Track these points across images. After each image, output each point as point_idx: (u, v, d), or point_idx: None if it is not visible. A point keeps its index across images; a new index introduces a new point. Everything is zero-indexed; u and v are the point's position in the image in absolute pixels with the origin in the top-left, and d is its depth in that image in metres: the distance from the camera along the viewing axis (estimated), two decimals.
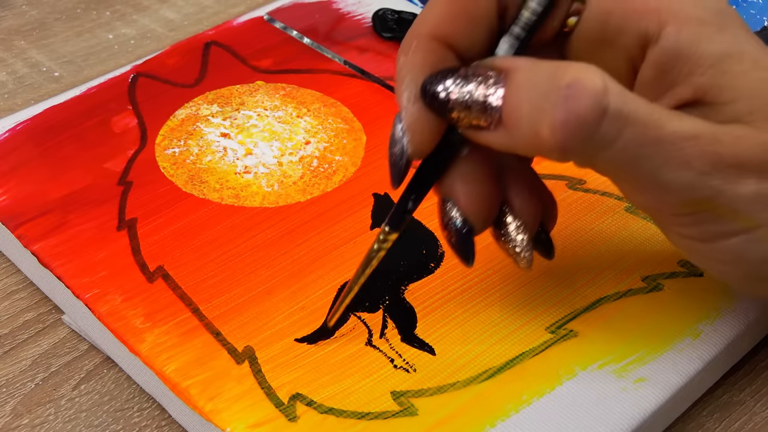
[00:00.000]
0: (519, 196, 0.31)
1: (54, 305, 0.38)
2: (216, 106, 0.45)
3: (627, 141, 0.26)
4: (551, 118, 0.26)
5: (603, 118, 0.26)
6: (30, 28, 0.54)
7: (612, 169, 0.27)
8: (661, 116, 0.26)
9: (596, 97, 0.25)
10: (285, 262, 0.37)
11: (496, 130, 0.27)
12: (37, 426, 0.34)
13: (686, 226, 0.29)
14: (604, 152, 0.26)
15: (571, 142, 0.26)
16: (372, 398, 0.32)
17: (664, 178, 0.27)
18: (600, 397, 0.32)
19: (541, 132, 0.26)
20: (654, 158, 0.26)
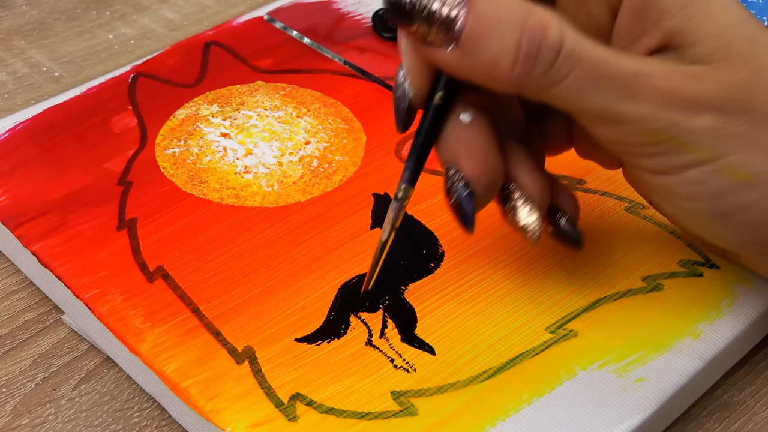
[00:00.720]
0: (526, 173, 0.33)
1: (54, 305, 0.38)
2: (216, 106, 0.45)
3: (578, 76, 0.29)
4: (512, 51, 0.28)
5: (558, 55, 0.28)
6: (30, 28, 0.54)
7: (565, 102, 0.29)
8: (613, 55, 0.29)
9: (554, 38, 0.28)
10: (285, 262, 0.37)
11: (452, 50, 0.29)
12: (37, 426, 0.34)
13: (647, 158, 0.31)
14: (557, 86, 0.29)
15: (527, 75, 0.29)
16: (372, 398, 0.32)
17: (618, 110, 0.29)
18: (600, 397, 0.32)
19: (500, 62, 0.29)
20: (605, 92, 0.29)
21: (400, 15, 0.29)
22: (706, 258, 0.37)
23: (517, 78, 0.29)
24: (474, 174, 0.31)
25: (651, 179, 0.31)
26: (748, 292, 0.36)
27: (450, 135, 0.32)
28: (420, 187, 0.40)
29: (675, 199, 0.32)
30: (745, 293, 0.36)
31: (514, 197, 0.33)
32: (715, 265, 0.37)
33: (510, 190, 0.33)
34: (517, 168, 0.33)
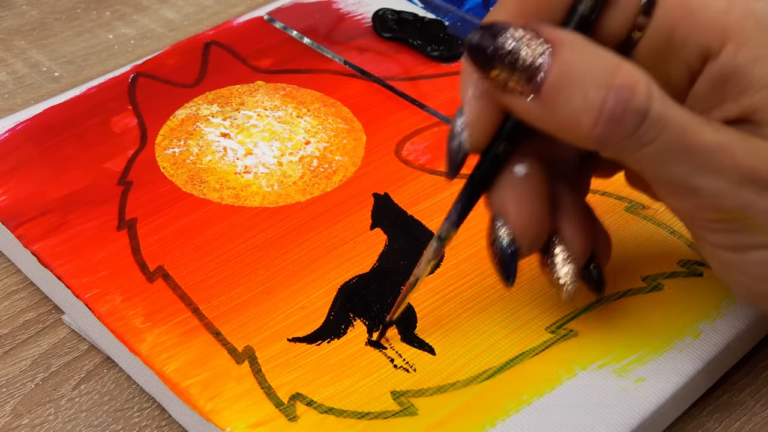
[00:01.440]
0: (571, 227, 0.32)
1: (54, 305, 0.38)
2: (216, 106, 0.45)
3: (662, 144, 0.27)
4: (597, 109, 0.27)
5: (645, 119, 0.27)
6: (30, 28, 0.54)
7: (645, 168, 0.29)
8: (699, 125, 0.28)
9: (642, 101, 0.27)
10: (285, 262, 0.37)
11: (531, 100, 0.28)
12: (37, 426, 0.34)
13: (716, 233, 0.30)
14: (639, 152, 0.28)
15: (609, 137, 0.27)
16: (372, 398, 0.32)
17: (695, 184, 0.28)
18: (600, 397, 0.32)
19: (581, 119, 0.27)
20: (687, 163, 0.28)
21: (482, 59, 0.28)
22: None
23: (596, 138, 0.27)
24: (521, 230, 0.31)
25: (715, 252, 0.30)
26: None
27: (502, 186, 0.31)
28: (420, 187, 0.40)
29: (735, 275, 0.31)
30: None
31: (555, 253, 0.32)
32: None
33: (552, 245, 0.32)
34: (563, 218, 0.32)
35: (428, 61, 0.48)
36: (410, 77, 0.46)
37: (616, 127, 0.27)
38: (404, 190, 0.40)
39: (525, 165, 0.30)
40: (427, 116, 0.44)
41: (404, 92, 0.45)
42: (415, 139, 0.43)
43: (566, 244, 0.32)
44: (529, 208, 0.30)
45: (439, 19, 0.50)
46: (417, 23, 0.49)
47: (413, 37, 0.48)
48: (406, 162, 0.42)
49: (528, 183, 0.30)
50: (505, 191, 0.31)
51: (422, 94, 0.45)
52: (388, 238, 0.38)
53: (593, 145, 0.28)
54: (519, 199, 0.30)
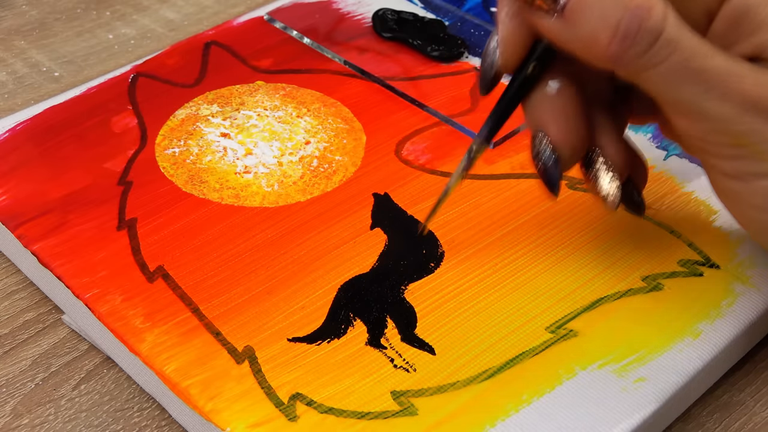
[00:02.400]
0: (609, 143, 0.34)
1: (54, 305, 0.38)
2: (216, 106, 0.45)
3: (672, 64, 0.29)
4: (613, 28, 0.29)
5: (657, 40, 0.29)
6: (30, 28, 0.54)
7: (655, 88, 0.30)
8: (711, 51, 0.29)
9: (657, 21, 0.29)
10: (285, 262, 0.37)
11: (556, 19, 0.30)
12: (37, 426, 0.34)
13: (723, 159, 0.31)
14: (650, 70, 0.29)
15: (624, 54, 0.29)
16: (372, 398, 0.32)
17: (704, 105, 0.30)
18: (600, 397, 0.32)
19: (599, 37, 0.29)
20: (696, 85, 0.29)
21: None
22: (706, 258, 0.37)
23: (612, 55, 0.29)
24: (560, 140, 0.33)
25: (723, 182, 0.32)
26: (748, 292, 0.36)
27: (538, 102, 0.33)
28: (420, 187, 0.40)
29: (743, 207, 0.32)
30: (745, 293, 0.36)
31: (597, 164, 0.33)
32: (715, 265, 0.37)
33: (593, 156, 0.34)
34: (602, 136, 0.34)
35: (428, 61, 0.48)
36: (410, 77, 0.46)
37: (630, 45, 0.29)
38: (404, 190, 0.40)
39: (558, 81, 0.32)
40: (427, 116, 0.44)
41: (404, 92, 0.45)
42: (415, 139, 0.43)
43: (607, 157, 0.33)
44: (566, 118, 0.32)
45: (439, 19, 0.50)
46: (417, 23, 0.49)
47: (413, 37, 0.48)
48: (406, 162, 0.42)
49: (563, 97, 0.32)
50: (542, 106, 0.33)
51: (422, 94, 0.45)
52: (388, 238, 0.38)
53: (609, 62, 0.30)
54: (555, 112, 0.32)
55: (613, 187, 0.34)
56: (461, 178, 0.34)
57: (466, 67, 0.47)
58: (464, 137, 0.43)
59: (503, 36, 0.32)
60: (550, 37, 0.31)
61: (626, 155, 0.34)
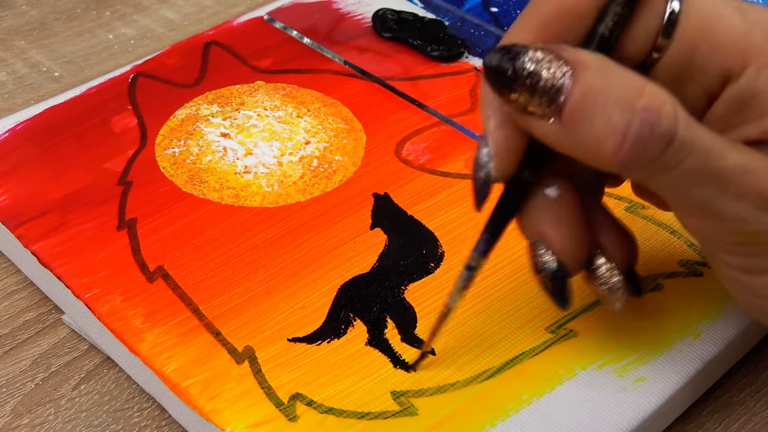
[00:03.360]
0: (609, 238, 0.31)
1: (54, 305, 0.38)
2: (216, 106, 0.45)
3: (687, 169, 0.27)
4: (621, 133, 0.26)
5: (671, 144, 0.26)
6: (30, 28, 0.54)
7: (666, 191, 0.28)
8: (724, 148, 0.27)
9: (668, 125, 0.26)
10: (285, 262, 0.37)
11: (553, 124, 0.27)
12: (37, 426, 0.34)
13: (733, 255, 0.29)
14: (663, 175, 0.27)
15: (634, 161, 0.26)
16: (372, 398, 0.32)
17: (718, 207, 0.27)
18: (600, 397, 0.32)
19: (604, 143, 0.26)
20: (711, 187, 0.27)
21: (501, 82, 0.28)
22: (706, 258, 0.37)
23: (620, 162, 0.27)
24: (565, 252, 0.30)
25: (730, 273, 0.30)
26: None
27: (536, 210, 0.30)
28: (420, 187, 0.40)
29: (749, 296, 0.30)
30: None
31: (599, 263, 0.31)
32: None
33: (595, 258, 0.31)
34: (601, 235, 0.31)
35: (428, 61, 0.48)
36: (410, 77, 0.46)
37: (642, 152, 0.26)
38: (404, 190, 0.40)
39: (556, 187, 0.30)
40: (427, 116, 0.44)
41: (404, 92, 0.45)
42: (415, 139, 0.43)
43: (608, 254, 0.31)
44: (570, 230, 0.30)
45: (439, 19, 0.50)
46: (417, 23, 0.49)
47: (413, 37, 0.48)
48: (406, 162, 0.42)
49: (563, 203, 0.30)
50: (541, 215, 0.30)
51: (422, 94, 0.45)
52: (388, 238, 0.38)
53: (617, 169, 0.27)
54: (557, 222, 0.30)
55: (619, 284, 0.31)
56: (461, 297, 0.32)
57: (466, 67, 0.47)
58: (464, 137, 0.43)
59: (496, 148, 0.29)
60: (547, 142, 0.28)
61: (626, 244, 0.32)
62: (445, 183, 0.41)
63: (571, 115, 0.27)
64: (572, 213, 0.30)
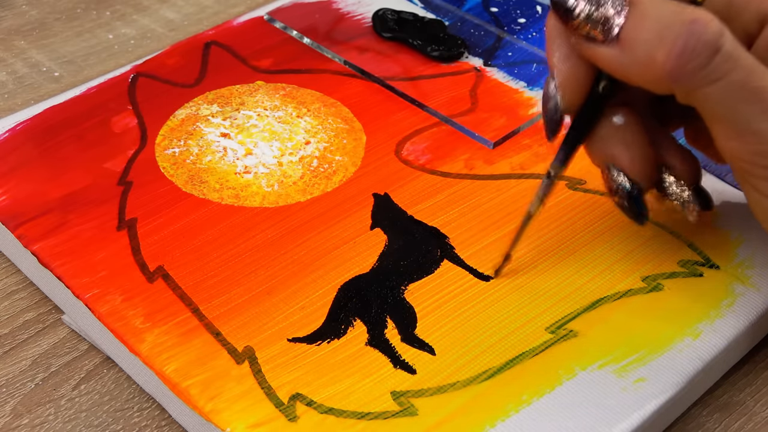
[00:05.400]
0: (674, 156, 0.34)
1: (54, 305, 0.38)
2: (216, 106, 0.45)
3: (732, 82, 0.29)
4: (670, 45, 0.29)
5: (716, 55, 0.29)
6: (30, 28, 0.54)
7: (711, 106, 0.30)
8: (766, 72, 0.29)
9: (714, 35, 0.29)
10: (285, 262, 0.37)
11: (610, 46, 0.30)
12: (37, 426, 0.34)
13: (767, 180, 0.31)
14: (708, 87, 0.29)
15: (682, 70, 0.29)
16: (372, 398, 0.32)
17: (758, 127, 0.30)
18: (600, 397, 0.32)
19: (656, 56, 0.29)
20: (752, 105, 0.29)
21: (565, 11, 0.31)
22: (706, 258, 0.37)
23: (670, 71, 0.29)
24: (638, 172, 0.33)
25: (761, 201, 0.32)
26: (748, 292, 0.36)
27: (605, 137, 0.33)
28: (420, 187, 0.40)
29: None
30: (745, 293, 0.36)
31: (669, 181, 0.34)
32: (715, 265, 0.37)
33: (664, 176, 0.34)
34: (665, 153, 0.34)
35: (428, 61, 0.48)
36: (410, 77, 0.46)
37: (689, 59, 0.29)
38: (404, 190, 0.40)
39: (621, 115, 0.33)
40: (427, 116, 0.44)
41: (404, 92, 0.45)
42: (415, 139, 0.43)
43: (675, 171, 0.34)
44: (637, 150, 0.33)
45: (439, 19, 0.50)
46: (417, 23, 0.49)
47: (413, 37, 0.48)
48: (406, 162, 0.42)
49: (630, 128, 0.33)
50: (610, 141, 0.33)
51: (422, 94, 0.45)
52: (388, 238, 0.38)
53: (668, 79, 0.29)
54: (625, 145, 0.33)
55: (690, 198, 0.34)
56: (542, 204, 0.35)
57: (466, 67, 0.47)
58: (464, 137, 0.43)
59: (562, 79, 0.32)
60: (607, 66, 0.31)
61: (690, 161, 0.34)
62: (445, 183, 0.41)
63: (627, 36, 0.30)
64: (638, 137, 0.33)
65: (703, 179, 0.36)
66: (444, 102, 0.45)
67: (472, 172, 0.41)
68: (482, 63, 0.47)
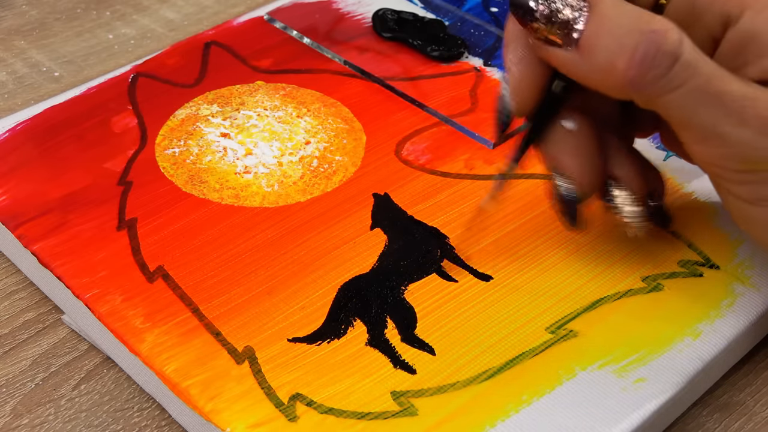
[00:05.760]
0: (625, 169, 0.34)
1: (54, 305, 0.38)
2: (216, 106, 0.45)
3: (692, 89, 0.29)
4: (630, 53, 0.29)
5: (675, 64, 0.29)
6: (30, 28, 0.54)
7: (673, 112, 0.30)
8: (727, 76, 0.30)
9: (674, 44, 0.29)
10: (285, 262, 0.37)
11: (569, 51, 0.30)
12: (37, 426, 0.34)
13: (739, 185, 0.31)
14: (668, 95, 0.29)
15: (642, 78, 0.29)
16: (372, 398, 0.32)
17: (722, 131, 0.30)
18: (600, 397, 0.32)
19: (616, 64, 0.29)
20: (714, 109, 0.29)
21: (524, 13, 0.31)
22: (706, 258, 0.37)
23: (630, 80, 0.29)
24: (578, 181, 0.33)
25: (738, 205, 0.32)
26: (748, 292, 0.36)
27: (555, 141, 0.33)
28: (420, 187, 0.40)
29: (759, 230, 0.32)
30: (745, 293, 0.36)
31: (615, 194, 0.34)
32: (715, 265, 0.37)
33: (611, 187, 0.34)
34: (616, 163, 0.34)
35: (428, 61, 0.48)
36: (410, 77, 0.46)
37: (648, 69, 0.29)
38: (404, 190, 0.40)
39: (573, 120, 0.33)
40: (427, 116, 0.44)
41: (404, 92, 0.45)
42: (415, 139, 0.43)
43: (625, 186, 0.34)
44: (582, 158, 0.33)
45: (439, 19, 0.50)
46: (417, 23, 0.49)
47: (413, 37, 0.48)
48: (406, 162, 0.42)
49: (579, 135, 0.33)
50: (558, 146, 0.33)
51: (422, 94, 0.45)
52: (388, 238, 0.38)
53: (628, 87, 0.30)
54: (572, 151, 0.33)
55: (634, 216, 0.34)
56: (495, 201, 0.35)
57: (466, 67, 0.47)
58: (464, 137, 0.43)
59: (514, 82, 0.32)
60: (565, 70, 0.31)
61: (641, 177, 0.34)
62: (445, 183, 0.41)
63: (587, 41, 0.30)
64: (586, 144, 0.33)
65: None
66: (444, 102, 0.45)
67: (472, 172, 0.41)
68: (482, 63, 0.47)
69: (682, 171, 0.41)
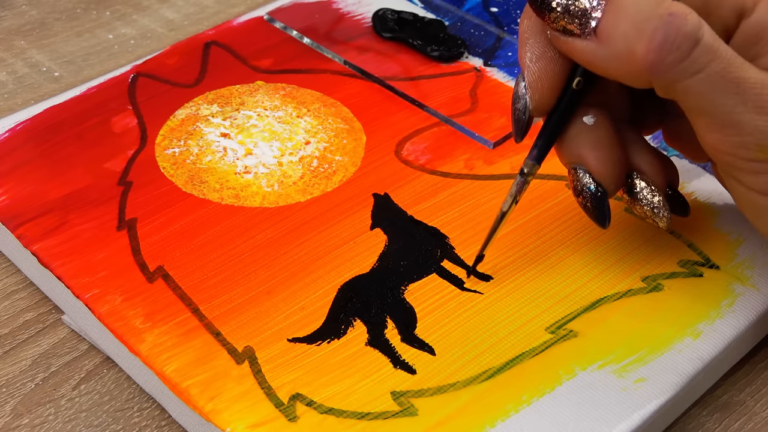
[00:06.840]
0: (645, 161, 0.34)
1: (54, 305, 0.38)
2: (216, 106, 0.45)
3: (711, 73, 0.29)
4: (649, 37, 0.29)
5: (695, 47, 0.29)
6: (30, 28, 0.54)
7: (691, 98, 0.30)
8: (745, 63, 0.30)
9: (693, 27, 0.29)
10: (285, 262, 0.37)
11: (587, 40, 0.30)
12: (37, 426, 0.34)
13: (752, 174, 0.31)
14: (688, 80, 0.29)
15: (662, 62, 0.29)
16: (372, 398, 0.32)
17: (739, 118, 0.30)
18: (600, 397, 0.32)
19: (636, 50, 0.29)
20: (732, 96, 0.29)
21: (542, 4, 0.31)
22: (706, 258, 0.37)
23: (650, 64, 0.29)
24: (604, 174, 0.33)
25: (748, 196, 0.32)
26: (748, 292, 0.36)
27: (575, 137, 0.33)
28: (420, 187, 0.40)
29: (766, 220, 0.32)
30: (745, 293, 0.36)
31: (639, 186, 0.34)
32: (715, 265, 0.37)
33: (633, 180, 0.34)
34: (636, 156, 0.34)
35: (428, 61, 0.48)
36: (410, 77, 0.46)
37: (669, 52, 0.29)
38: (404, 190, 0.40)
39: (592, 115, 0.33)
40: (427, 116, 0.44)
41: (404, 92, 0.45)
42: (415, 139, 0.43)
43: (646, 177, 0.34)
44: (605, 153, 0.33)
45: (439, 19, 0.50)
46: (417, 23, 0.49)
47: (413, 37, 0.48)
48: (406, 162, 0.42)
49: (600, 129, 0.33)
50: (579, 141, 0.33)
51: (422, 94, 0.45)
52: (388, 238, 0.38)
53: (648, 73, 0.29)
54: (595, 146, 0.33)
55: (661, 206, 0.34)
56: (515, 203, 0.35)
57: (466, 67, 0.47)
58: (464, 137, 0.43)
59: (532, 79, 0.32)
60: (584, 60, 0.31)
61: (661, 166, 0.34)
62: (445, 183, 0.41)
63: (605, 28, 0.30)
64: (608, 138, 0.33)
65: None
66: (444, 102, 0.45)
67: (472, 172, 0.41)
68: (482, 63, 0.47)
69: (682, 171, 0.41)
